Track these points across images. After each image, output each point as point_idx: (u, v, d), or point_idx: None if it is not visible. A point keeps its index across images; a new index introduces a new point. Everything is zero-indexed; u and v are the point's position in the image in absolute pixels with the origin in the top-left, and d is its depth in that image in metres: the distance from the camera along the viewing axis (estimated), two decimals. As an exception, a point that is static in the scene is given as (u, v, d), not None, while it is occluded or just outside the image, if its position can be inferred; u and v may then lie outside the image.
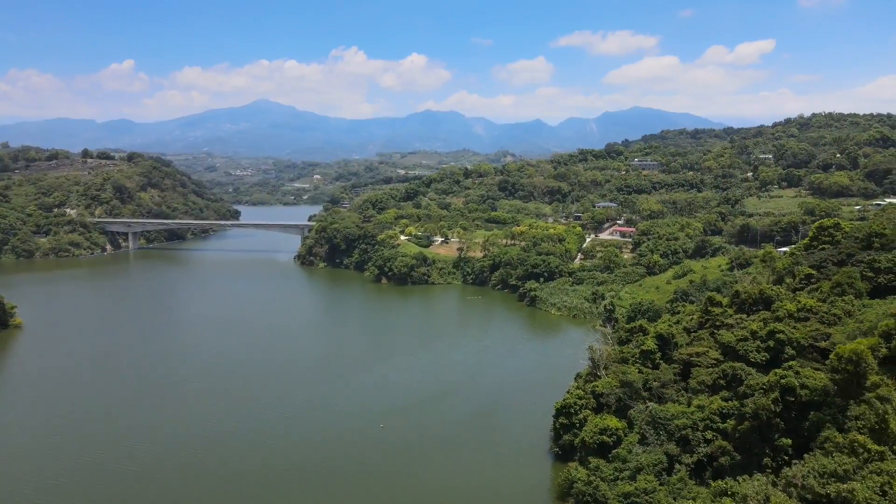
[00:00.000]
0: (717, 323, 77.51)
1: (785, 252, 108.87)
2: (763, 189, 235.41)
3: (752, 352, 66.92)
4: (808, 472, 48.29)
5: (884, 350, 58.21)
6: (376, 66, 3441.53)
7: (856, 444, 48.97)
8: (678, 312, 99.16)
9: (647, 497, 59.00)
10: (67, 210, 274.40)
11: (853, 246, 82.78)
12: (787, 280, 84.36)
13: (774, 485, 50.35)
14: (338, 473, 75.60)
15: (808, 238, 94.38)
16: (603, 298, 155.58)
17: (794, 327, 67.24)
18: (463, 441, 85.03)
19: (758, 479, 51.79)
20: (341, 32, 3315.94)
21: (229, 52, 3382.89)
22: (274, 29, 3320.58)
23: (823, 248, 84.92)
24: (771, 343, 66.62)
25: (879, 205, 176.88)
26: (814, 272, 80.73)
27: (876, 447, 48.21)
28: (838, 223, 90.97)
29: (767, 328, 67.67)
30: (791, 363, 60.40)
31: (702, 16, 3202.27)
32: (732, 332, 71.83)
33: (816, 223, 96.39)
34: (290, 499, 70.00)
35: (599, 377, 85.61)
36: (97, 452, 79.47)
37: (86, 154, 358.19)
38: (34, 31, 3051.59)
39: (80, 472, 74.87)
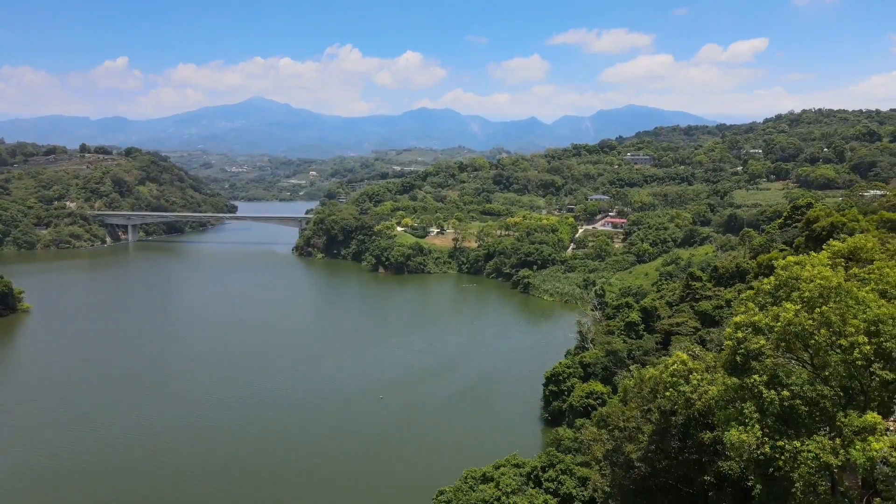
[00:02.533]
0: (697, 296, 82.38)
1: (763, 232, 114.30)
2: (752, 182, 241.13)
3: (725, 318, 71.82)
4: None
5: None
6: (371, 64, 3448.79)
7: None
8: (662, 289, 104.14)
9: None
10: (67, 203, 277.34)
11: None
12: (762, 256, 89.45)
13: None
14: (340, 440, 79.90)
15: (783, 218, 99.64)
16: (594, 285, 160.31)
17: (767, 296, 72.38)
18: (458, 411, 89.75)
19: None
20: (336, 30, 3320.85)
21: (224, 49, 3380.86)
22: (268, 26, 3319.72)
23: (796, 226, 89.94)
24: (744, 310, 71.77)
25: (863, 196, 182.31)
26: (787, 248, 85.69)
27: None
28: (811, 203, 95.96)
29: (741, 296, 72.66)
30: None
31: (696, 14, 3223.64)
32: (710, 303, 76.72)
33: (791, 204, 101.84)
34: (295, 461, 74.51)
35: (587, 349, 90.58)
36: (102, 431, 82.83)
37: (83, 149, 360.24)
38: (28, 27, 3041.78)
39: (84, 446, 78.63)
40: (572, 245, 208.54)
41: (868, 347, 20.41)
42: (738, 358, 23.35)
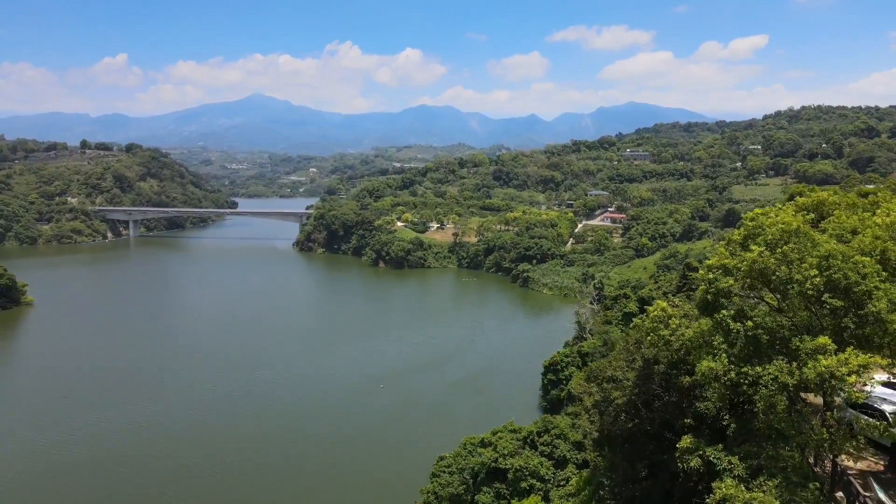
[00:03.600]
0: (694, 286, 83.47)
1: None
2: (750, 177, 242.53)
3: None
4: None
5: None
6: (371, 61, 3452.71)
7: None
8: (659, 281, 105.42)
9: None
10: (69, 199, 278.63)
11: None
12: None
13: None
14: (341, 431, 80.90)
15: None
16: (593, 278, 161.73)
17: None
18: (457, 400, 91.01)
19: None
20: (336, 27, 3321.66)
21: (223, 46, 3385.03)
22: (268, 23, 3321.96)
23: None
24: (739, 298, 73.04)
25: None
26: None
27: None
28: (802, 192, 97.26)
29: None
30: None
31: (696, 11, 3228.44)
32: (706, 292, 77.95)
33: (788, 197, 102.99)
34: (296, 453, 75.73)
35: (585, 339, 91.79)
36: (104, 423, 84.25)
37: (84, 145, 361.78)
38: (27, 24, 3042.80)
39: (85, 438, 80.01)
40: (571, 240, 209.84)
41: (819, 280, 23.29)
42: (709, 296, 26.08)
